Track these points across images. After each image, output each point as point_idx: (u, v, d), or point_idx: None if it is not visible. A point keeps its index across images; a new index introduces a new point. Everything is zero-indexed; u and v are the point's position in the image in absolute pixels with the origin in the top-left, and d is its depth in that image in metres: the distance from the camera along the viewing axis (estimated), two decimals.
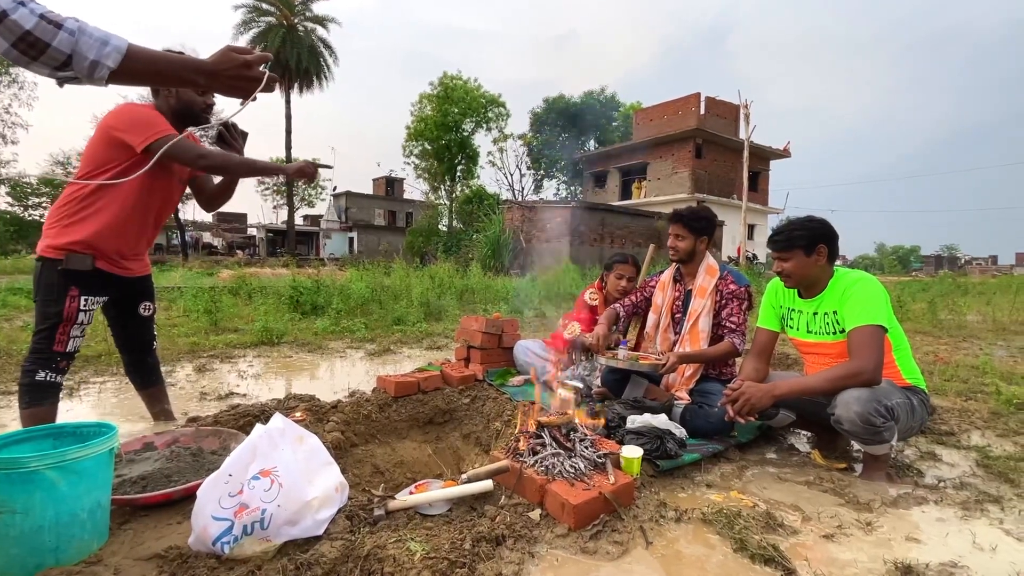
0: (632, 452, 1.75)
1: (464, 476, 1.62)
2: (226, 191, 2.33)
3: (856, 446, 2.10)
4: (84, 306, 1.94)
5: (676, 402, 2.38)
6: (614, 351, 2.48)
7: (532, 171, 33.59)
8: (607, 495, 1.52)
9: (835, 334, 1.96)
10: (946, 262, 57.16)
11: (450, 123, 26.54)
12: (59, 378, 1.95)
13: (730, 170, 25.59)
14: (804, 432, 2.40)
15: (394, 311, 6.32)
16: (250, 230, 42.42)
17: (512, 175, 32.11)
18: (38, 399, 1.90)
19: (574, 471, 1.61)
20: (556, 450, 1.70)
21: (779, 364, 4.00)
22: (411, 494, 1.60)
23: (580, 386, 2.62)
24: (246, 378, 3.47)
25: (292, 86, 26.86)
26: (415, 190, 34.21)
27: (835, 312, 1.96)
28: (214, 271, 14.12)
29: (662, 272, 2.74)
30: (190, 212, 35.93)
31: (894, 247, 76.22)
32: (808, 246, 1.97)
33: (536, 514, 1.51)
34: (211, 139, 2.30)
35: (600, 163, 29.74)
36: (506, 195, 28.30)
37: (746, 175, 19.18)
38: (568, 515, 1.45)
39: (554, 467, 1.62)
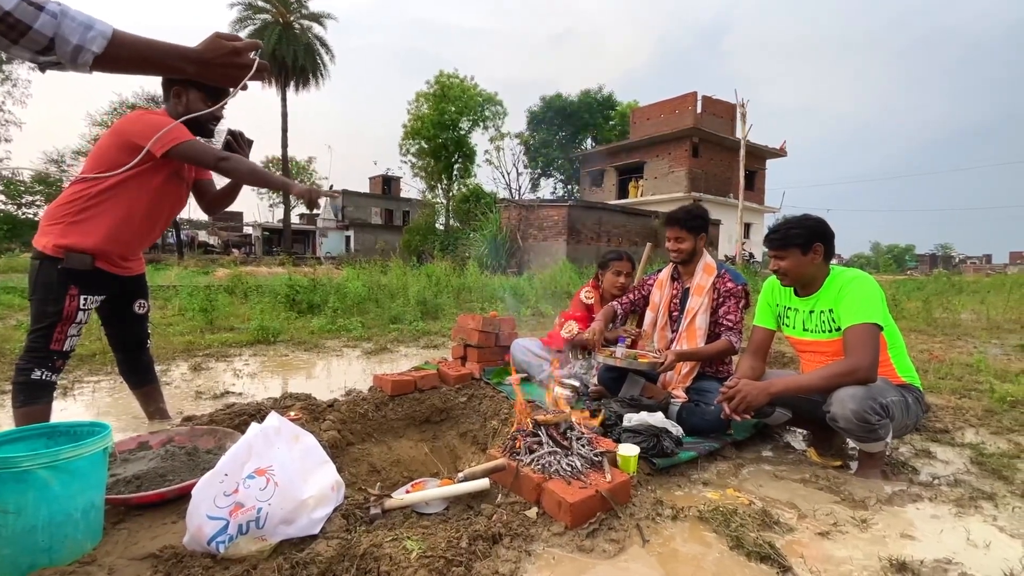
0: (629, 450, 1.75)
1: (461, 475, 1.62)
2: (229, 196, 2.31)
3: (852, 444, 2.11)
4: (83, 305, 1.93)
5: (672, 400, 2.39)
6: (612, 349, 2.49)
7: (529, 170, 33.58)
8: (604, 493, 1.52)
9: (831, 332, 1.97)
10: (941, 261, 57.51)
11: (447, 121, 26.46)
12: (54, 377, 1.94)
13: (726, 169, 25.65)
14: (800, 430, 2.41)
15: (391, 310, 6.32)
16: (246, 229, 42.21)
17: (509, 174, 32.11)
18: (32, 398, 1.89)
19: (571, 469, 1.61)
20: (553, 448, 1.70)
21: (775, 363, 4.01)
22: (407, 493, 1.60)
23: (577, 384, 2.62)
24: (242, 377, 3.46)
25: (288, 84, 26.75)
26: (412, 189, 34.14)
27: (831, 310, 1.97)
28: (210, 270, 14.03)
29: (660, 270, 2.75)
30: (186, 211, 35.76)
31: (889, 246, 76.65)
32: (804, 245, 1.97)
33: (533, 512, 1.51)
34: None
35: (597, 162, 29.73)
36: (503, 194, 28.25)
37: (742, 174, 19.22)
38: (565, 513, 1.46)
39: (551, 465, 1.62)
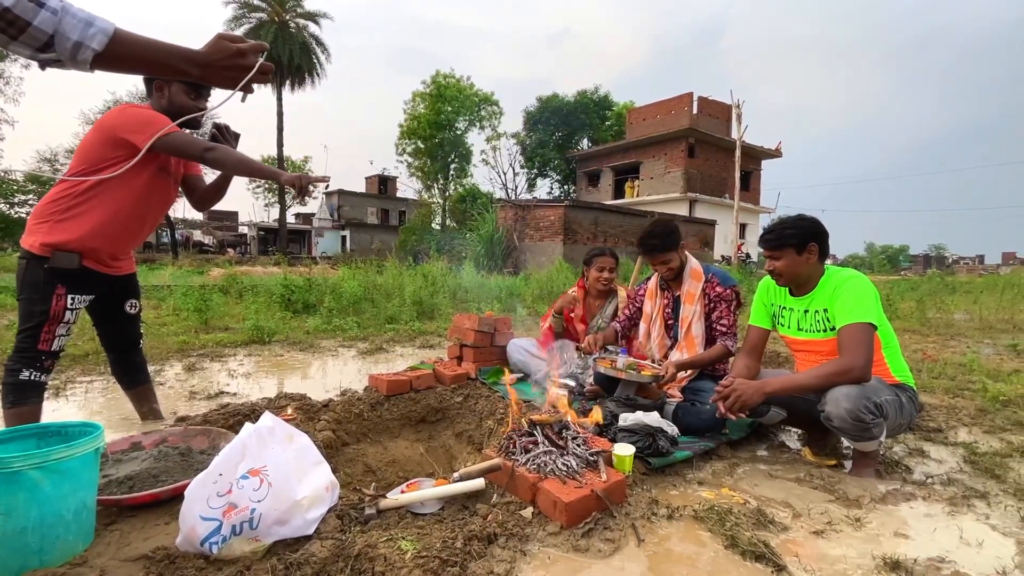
0: (624, 450, 1.75)
1: (456, 475, 1.62)
2: (219, 191, 2.30)
3: (846, 443, 2.12)
4: (71, 305, 1.91)
5: (668, 400, 2.40)
6: (613, 359, 2.49)
7: (525, 170, 33.57)
8: (599, 493, 1.52)
9: (825, 332, 1.98)
10: (934, 261, 57.91)
11: (443, 121, 26.44)
12: (44, 377, 1.92)
13: (722, 169, 25.74)
14: (794, 429, 2.42)
15: (387, 310, 6.30)
16: (241, 228, 42.02)
17: (505, 174, 32.04)
18: (22, 398, 1.87)
19: (566, 469, 1.61)
20: (548, 448, 1.69)
21: (770, 362, 4.02)
22: (403, 493, 1.59)
23: (572, 384, 2.62)
24: (236, 377, 3.44)
25: (284, 83, 26.66)
26: (408, 188, 34.03)
27: (825, 310, 1.97)
28: (204, 269, 13.95)
29: (649, 278, 2.76)
30: (180, 210, 35.49)
31: (883, 246, 77.11)
32: (799, 245, 1.98)
33: (528, 512, 1.50)
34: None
35: (593, 162, 29.78)
36: (499, 194, 28.20)
37: (738, 174, 19.27)
38: (560, 513, 1.45)
39: (546, 465, 1.62)
